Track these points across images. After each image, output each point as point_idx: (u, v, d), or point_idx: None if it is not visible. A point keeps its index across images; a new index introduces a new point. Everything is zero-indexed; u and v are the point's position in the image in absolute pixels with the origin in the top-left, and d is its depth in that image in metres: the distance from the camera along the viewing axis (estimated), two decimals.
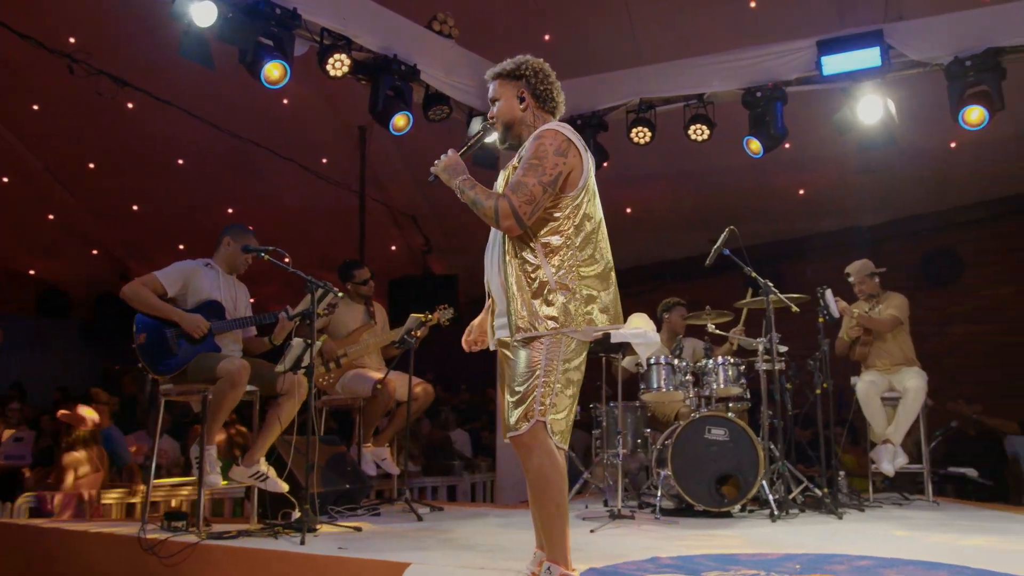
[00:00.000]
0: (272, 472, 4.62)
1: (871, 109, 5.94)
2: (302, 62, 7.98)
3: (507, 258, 2.82)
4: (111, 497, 6.00)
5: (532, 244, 2.81)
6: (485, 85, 6.48)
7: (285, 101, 9.10)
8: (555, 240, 2.81)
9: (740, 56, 6.38)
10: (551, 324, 2.73)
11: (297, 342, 4.44)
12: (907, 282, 8.22)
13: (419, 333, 5.41)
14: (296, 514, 4.52)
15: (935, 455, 5.92)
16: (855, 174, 9.39)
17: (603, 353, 5.55)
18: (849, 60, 5.90)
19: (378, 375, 5.59)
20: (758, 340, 5.44)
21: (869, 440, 5.74)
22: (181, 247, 10.66)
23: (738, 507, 4.93)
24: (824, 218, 10.32)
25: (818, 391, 5.30)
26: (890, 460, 5.41)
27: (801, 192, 9.92)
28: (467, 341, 3.22)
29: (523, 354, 2.75)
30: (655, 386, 5.43)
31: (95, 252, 11.90)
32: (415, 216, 11.38)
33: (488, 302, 3.13)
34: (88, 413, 6.27)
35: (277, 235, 4.94)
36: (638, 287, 11.53)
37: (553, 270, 2.77)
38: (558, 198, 2.81)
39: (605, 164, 7.02)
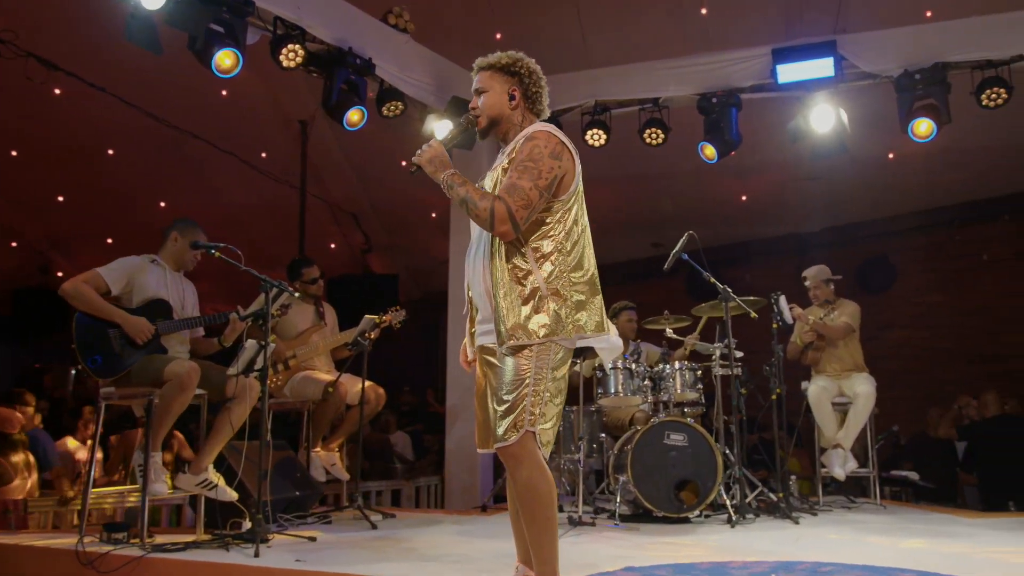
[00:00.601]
0: (221, 480, 4.41)
1: (824, 118, 6.02)
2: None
3: (495, 263, 2.71)
4: (39, 505, 5.65)
5: (523, 249, 2.70)
6: (440, 81, 6.41)
7: (224, 92, 8.78)
8: (546, 245, 2.71)
9: (696, 62, 6.40)
10: (543, 332, 2.63)
11: (251, 344, 4.23)
12: (844, 289, 8.41)
13: (373, 335, 5.25)
14: (247, 524, 4.32)
15: (880, 458, 6.02)
16: (798, 180, 9.58)
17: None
18: (803, 69, 5.98)
19: (329, 377, 5.41)
20: (715, 345, 5.46)
21: (819, 445, 5.80)
22: (109, 241, 10.21)
23: (696, 512, 4.92)
24: (765, 224, 10.49)
25: (773, 396, 5.34)
26: (841, 464, 5.49)
27: (744, 198, 10.06)
28: (469, 362, 3.10)
29: (511, 362, 2.65)
30: (613, 391, 5.38)
31: (14, 244, 11.29)
32: (356, 213, 11.14)
33: (467, 310, 3.01)
34: (14, 414, 5.89)
35: (212, 231, 4.71)
36: None
37: (544, 276, 2.68)
38: (550, 202, 2.72)
39: None
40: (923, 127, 5.72)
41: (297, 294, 4.69)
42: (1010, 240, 9.56)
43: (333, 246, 11.42)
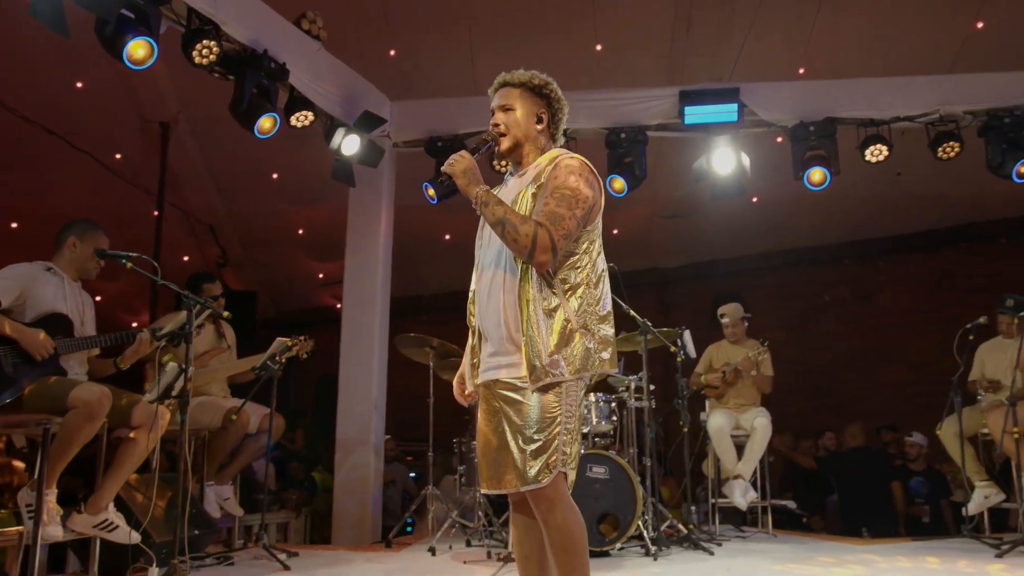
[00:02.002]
0: (121, 520, 3.92)
1: (725, 160, 6.29)
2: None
3: (526, 293, 2.56)
4: None
5: (551, 280, 2.58)
6: (349, 95, 6.14)
7: (80, 84, 8.00)
8: (573, 277, 2.60)
9: (607, 97, 6.51)
10: (574, 368, 2.52)
11: (172, 367, 3.83)
12: (697, 323, 8.83)
13: (283, 359, 4.89)
14: (154, 571, 3.85)
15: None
16: (664, 217, 9.99)
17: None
18: (709, 112, 6.22)
19: (229, 404, 4.98)
20: (630, 377, 5.51)
21: (721, 476, 5.99)
22: None
23: (617, 546, 4.91)
24: (630, 257, 10.80)
25: (685, 428, 5.46)
26: (742, 494, 5.69)
27: (615, 231, 10.34)
28: (466, 396, 2.90)
29: (538, 399, 2.51)
30: None
31: None
32: (213, 225, 10.44)
33: (471, 343, 2.83)
34: None
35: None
36: (448, 314, 11.41)
37: (573, 309, 2.57)
38: (579, 233, 2.63)
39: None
40: (817, 175, 6.10)
41: (226, 313, 4.27)
42: (850, 283, 10.41)
43: (186, 258, 10.63)
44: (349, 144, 6.03)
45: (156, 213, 9.16)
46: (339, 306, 12.10)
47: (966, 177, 8.36)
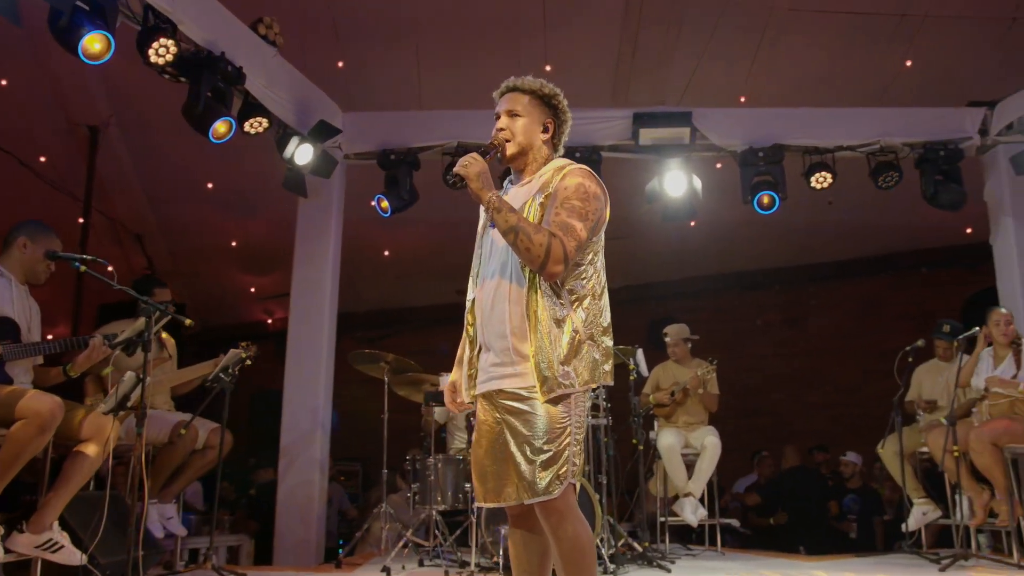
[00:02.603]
0: (67, 539, 3.68)
1: (677, 183, 6.39)
2: (26, 39, 6.74)
3: (535, 304, 2.52)
4: None
5: (559, 291, 2.55)
6: (303, 103, 6.02)
7: (3, 82, 7.63)
8: (580, 288, 2.59)
9: None
10: (582, 379, 2.50)
11: (129, 376, 3.65)
12: (636, 343, 8.95)
13: (237, 370, 4.71)
14: None
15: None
16: (605, 238, 10.09)
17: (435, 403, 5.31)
18: (662, 135, 6.32)
19: (176, 418, 4.76)
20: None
21: (668, 494, 6.03)
22: None
23: None
24: None
25: (640, 447, 5.48)
26: (693, 512, 5.74)
27: None
28: (458, 403, 2.83)
29: (546, 410, 2.47)
30: None
31: None
32: (140, 235, 10.04)
33: (469, 352, 2.77)
34: None
35: None
36: (379, 331, 11.29)
37: (581, 320, 2.55)
38: (587, 244, 2.61)
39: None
40: (766, 199, 6.25)
41: (190, 322, 4.07)
42: (781, 308, 10.71)
43: (111, 268, 10.16)
44: (302, 153, 5.90)
45: (81, 220, 8.78)
46: (270, 320, 11.91)
47: (893, 208, 8.76)
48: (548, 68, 8.29)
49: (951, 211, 6.28)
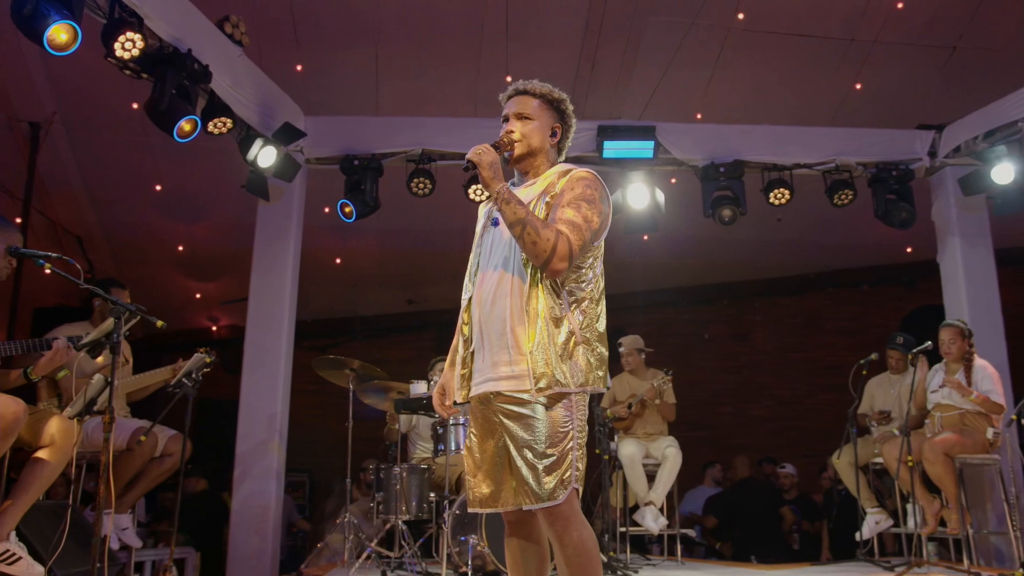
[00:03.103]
0: (23, 551, 3.51)
1: (640, 196, 6.47)
2: None
3: (536, 302, 2.51)
4: None
5: (559, 290, 2.54)
6: (266, 105, 5.91)
7: None
8: (579, 291, 2.59)
9: None
10: (579, 380, 2.49)
11: (98, 379, 3.49)
12: None
13: (200, 375, 4.57)
14: None
15: None
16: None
17: (407, 411, 5.23)
18: (626, 148, 6.39)
19: (136, 424, 4.59)
20: None
21: (628, 504, 6.06)
22: None
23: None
24: None
25: (607, 457, 5.49)
26: (654, 520, 5.78)
27: None
28: (447, 407, 2.79)
29: (547, 413, 2.46)
30: (454, 448, 5.18)
31: None
32: (81, 237, 9.69)
33: (463, 352, 2.73)
34: None
35: None
36: (327, 340, 11.12)
37: (578, 323, 2.54)
38: (589, 247, 2.61)
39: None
40: (727, 213, 6.37)
41: (161, 323, 3.93)
42: (728, 322, 10.91)
43: (48, 271, 9.77)
44: (266, 156, 5.78)
45: (20, 220, 8.43)
46: (215, 328, 11.60)
47: (836, 226, 9.04)
48: (508, 79, 8.34)
49: (901, 229, 6.49)
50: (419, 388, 5.11)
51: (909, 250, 9.70)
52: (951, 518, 5.39)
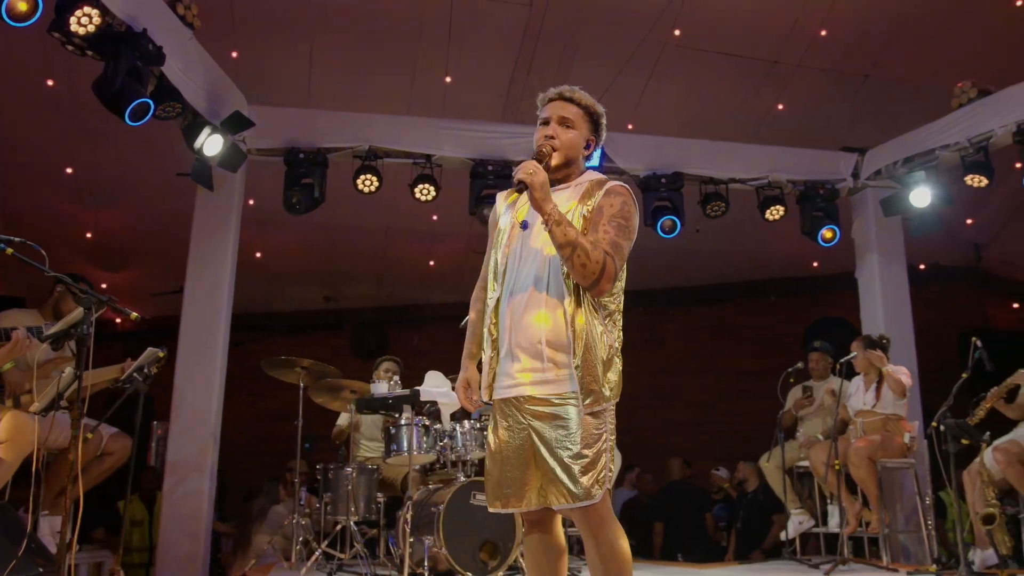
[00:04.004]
0: None
1: None
2: None
3: (583, 318, 2.54)
4: None
5: (597, 307, 2.59)
6: (214, 92, 5.73)
7: None
8: (610, 304, 2.65)
9: (474, 128, 6.62)
10: (615, 393, 2.61)
11: (68, 373, 3.31)
12: None
13: (153, 370, 4.38)
14: None
15: None
16: (479, 252, 10.16)
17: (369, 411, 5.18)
18: None
19: (85, 421, 4.34)
20: None
21: None
22: None
23: (499, 573, 4.89)
24: (443, 290, 10.87)
25: None
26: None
27: (432, 263, 10.36)
28: (474, 400, 2.78)
29: (580, 415, 2.51)
30: (406, 449, 5.14)
31: None
32: None
33: (478, 351, 2.75)
34: None
35: None
36: (245, 335, 10.74)
37: (613, 337, 2.62)
38: None
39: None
40: (668, 223, 6.57)
41: (134, 315, 3.73)
42: (643, 328, 11.18)
43: (44, 252, 9.09)
44: (212, 144, 5.58)
45: None
46: (119, 320, 11.04)
47: (749, 238, 9.43)
48: (448, 79, 8.34)
49: (826, 245, 6.87)
50: (380, 388, 5.04)
51: (815, 264, 10.23)
52: (872, 518, 5.74)
